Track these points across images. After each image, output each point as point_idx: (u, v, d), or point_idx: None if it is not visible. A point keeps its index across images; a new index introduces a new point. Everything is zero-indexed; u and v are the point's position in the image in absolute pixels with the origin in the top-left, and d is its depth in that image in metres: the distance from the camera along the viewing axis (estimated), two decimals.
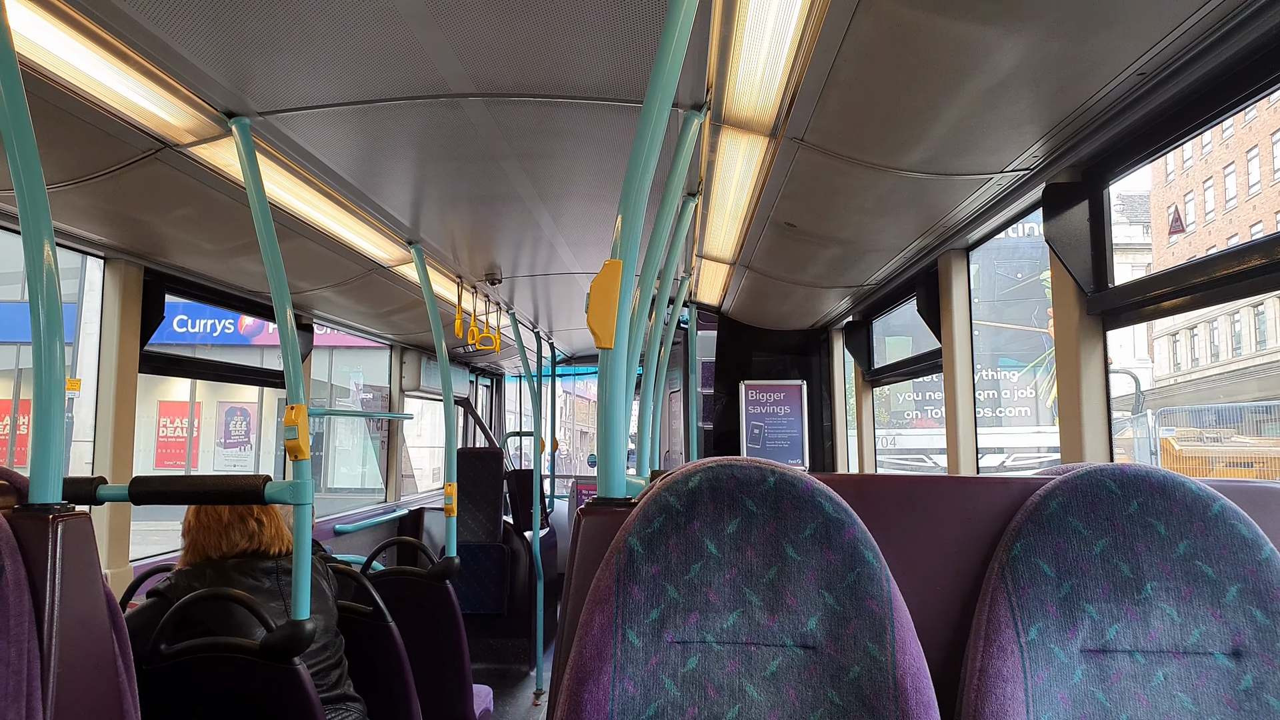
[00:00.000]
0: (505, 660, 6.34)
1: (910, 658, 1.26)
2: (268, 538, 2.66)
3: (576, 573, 1.42)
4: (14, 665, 1.44)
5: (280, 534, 2.72)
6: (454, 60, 2.08)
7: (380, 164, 2.80)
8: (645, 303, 2.19)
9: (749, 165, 2.85)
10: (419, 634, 3.35)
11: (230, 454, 17.43)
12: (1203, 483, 1.38)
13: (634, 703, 1.25)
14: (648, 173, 1.55)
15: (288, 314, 2.41)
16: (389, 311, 5.11)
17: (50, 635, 1.50)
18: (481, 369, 8.68)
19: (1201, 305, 2.08)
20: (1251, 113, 27.16)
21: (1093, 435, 2.42)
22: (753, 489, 1.32)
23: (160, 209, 2.85)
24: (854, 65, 1.93)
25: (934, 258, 3.43)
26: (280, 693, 2.24)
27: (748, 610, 1.29)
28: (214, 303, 3.98)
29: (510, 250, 4.12)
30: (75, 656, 1.54)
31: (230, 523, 2.62)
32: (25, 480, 1.65)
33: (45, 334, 1.63)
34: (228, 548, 2.60)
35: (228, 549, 2.60)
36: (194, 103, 2.21)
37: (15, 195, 1.61)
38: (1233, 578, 1.32)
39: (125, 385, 3.32)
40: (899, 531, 1.47)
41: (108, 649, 1.65)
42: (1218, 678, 1.31)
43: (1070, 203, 2.43)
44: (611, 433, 1.54)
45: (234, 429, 17.71)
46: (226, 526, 2.61)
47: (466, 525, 6.22)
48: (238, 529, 2.62)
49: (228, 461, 17.28)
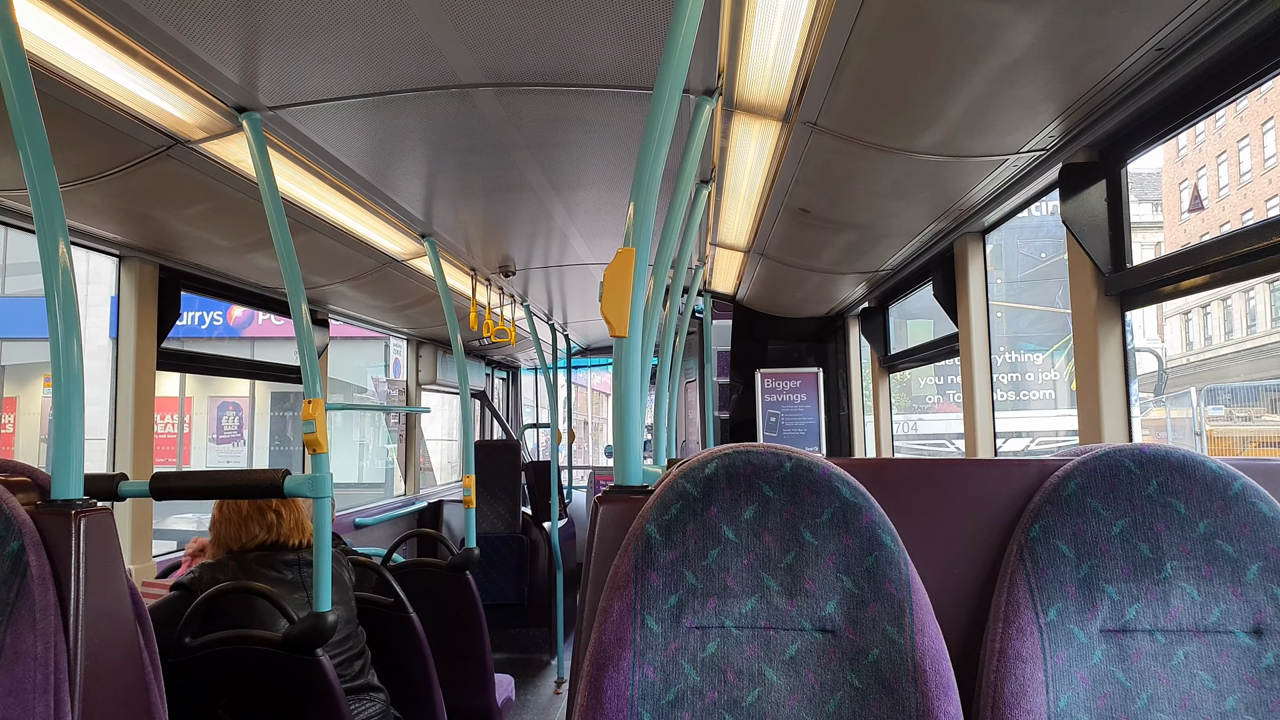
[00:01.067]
0: (526, 650, 6.37)
1: (929, 640, 1.26)
2: (287, 529, 2.68)
3: (595, 560, 1.42)
4: (41, 659, 1.45)
5: (301, 525, 2.74)
6: (464, 50, 2.08)
7: (392, 157, 2.80)
8: (659, 292, 2.18)
9: (762, 151, 2.84)
10: (440, 625, 3.36)
11: (223, 450, 17.33)
12: (1223, 461, 1.36)
13: (654, 687, 1.25)
14: (659, 160, 1.55)
15: (303, 309, 2.42)
16: (404, 305, 5.13)
17: (76, 628, 1.51)
18: (497, 362, 8.70)
19: (1220, 284, 2.06)
20: (1268, 85, 26.84)
21: (1111, 416, 2.40)
22: (770, 474, 1.32)
23: (173, 206, 2.86)
24: (867, 47, 1.92)
25: (950, 241, 3.40)
26: (304, 684, 2.26)
27: (766, 595, 1.29)
28: (229, 299, 4.00)
29: (524, 242, 4.12)
30: (101, 649, 1.55)
31: (249, 515, 2.65)
32: (47, 477, 1.66)
33: (63, 332, 1.64)
34: (247, 539, 2.63)
35: (247, 540, 2.63)
36: (205, 98, 2.21)
37: (29, 194, 1.62)
38: (1254, 556, 1.31)
39: (143, 383, 3.35)
40: (917, 515, 1.47)
41: (133, 642, 1.67)
42: (1239, 656, 1.30)
43: (1087, 183, 2.40)
44: (628, 421, 1.54)
45: (226, 424, 17.60)
46: (245, 519, 2.65)
47: (485, 517, 6.25)
48: (256, 521, 2.65)
49: (220, 458, 17.18)
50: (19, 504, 1.56)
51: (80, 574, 1.54)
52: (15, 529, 1.52)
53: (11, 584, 1.50)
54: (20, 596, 1.49)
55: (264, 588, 2.39)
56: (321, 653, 2.27)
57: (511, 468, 6.36)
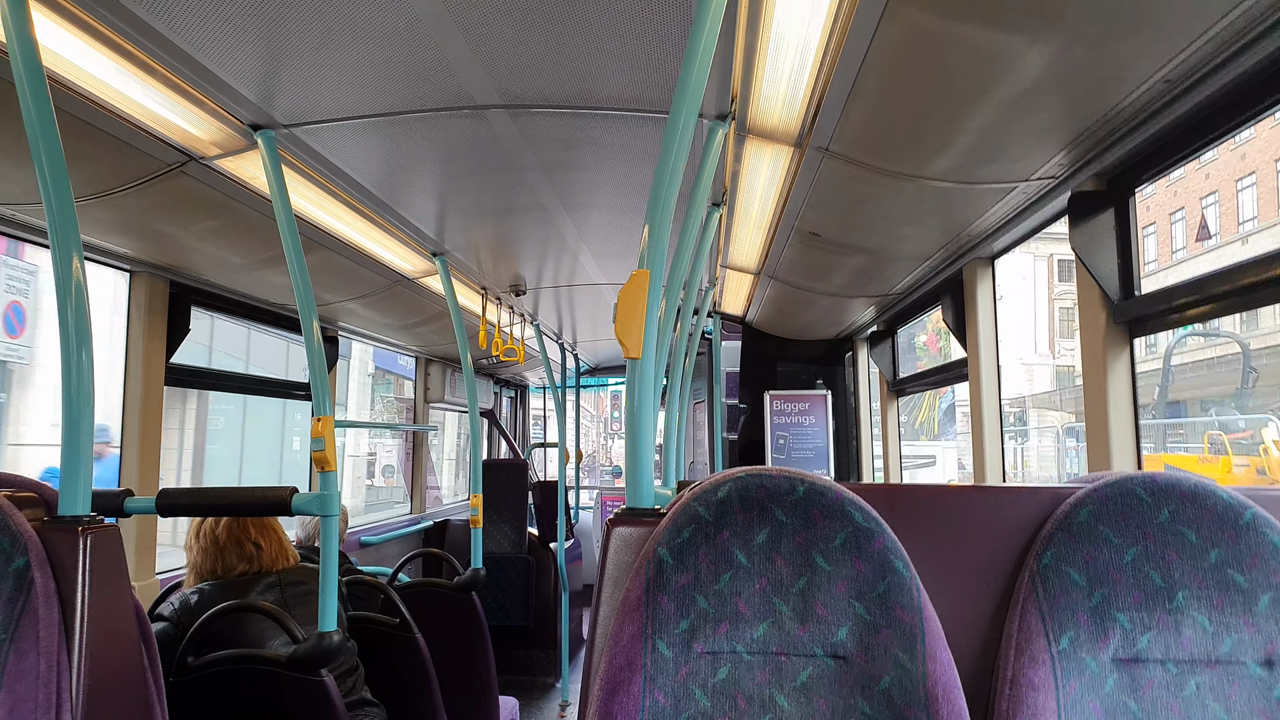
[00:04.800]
0: (531, 672, 6.34)
1: (941, 667, 1.26)
2: (267, 560, 2.63)
3: (606, 583, 1.42)
4: (44, 677, 1.45)
5: (284, 552, 2.70)
6: (479, 71, 2.09)
7: (405, 176, 2.82)
8: (671, 314, 2.19)
9: (773, 175, 2.85)
10: (445, 645, 3.35)
11: None
12: (1234, 490, 1.36)
13: (664, 713, 1.25)
14: (675, 183, 1.55)
15: (314, 326, 2.43)
16: (414, 323, 5.14)
17: (79, 647, 1.51)
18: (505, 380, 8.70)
19: (1228, 313, 2.07)
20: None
21: (1120, 444, 2.39)
22: (782, 498, 1.32)
23: (186, 222, 2.87)
24: (879, 74, 1.93)
25: (959, 266, 3.41)
26: (306, 704, 2.25)
27: (778, 620, 1.29)
28: (239, 315, 4.01)
29: (534, 261, 4.13)
30: (104, 668, 1.55)
31: (226, 545, 2.60)
32: (54, 492, 1.66)
33: (75, 347, 1.64)
34: (224, 571, 2.58)
35: (224, 573, 2.58)
36: (220, 115, 2.23)
37: (44, 209, 1.63)
38: (1265, 586, 1.30)
39: (151, 399, 3.35)
40: (929, 541, 1.47)
41: (136, 661, 1.66)
42: (1250, 687, 1.29)
43: (1096, 211, 2.41)
44: (639, 443, 1.54)
45: None
46: (222, 549, 2.59)
47: (491, 536, 6.24)
48: (234, 552, 2.60)
49: None
50: (25, 520, 1.56)
51: (85, 592, 1.54)
52: (21, 545, 1.52)
53: (16, 601, 1.49)
54: (24, 613, 1.48)
55: (269, 606, 2.38)
56: (325, 673, 2.26)
57: (518, 487, 6.35)
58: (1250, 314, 24.18)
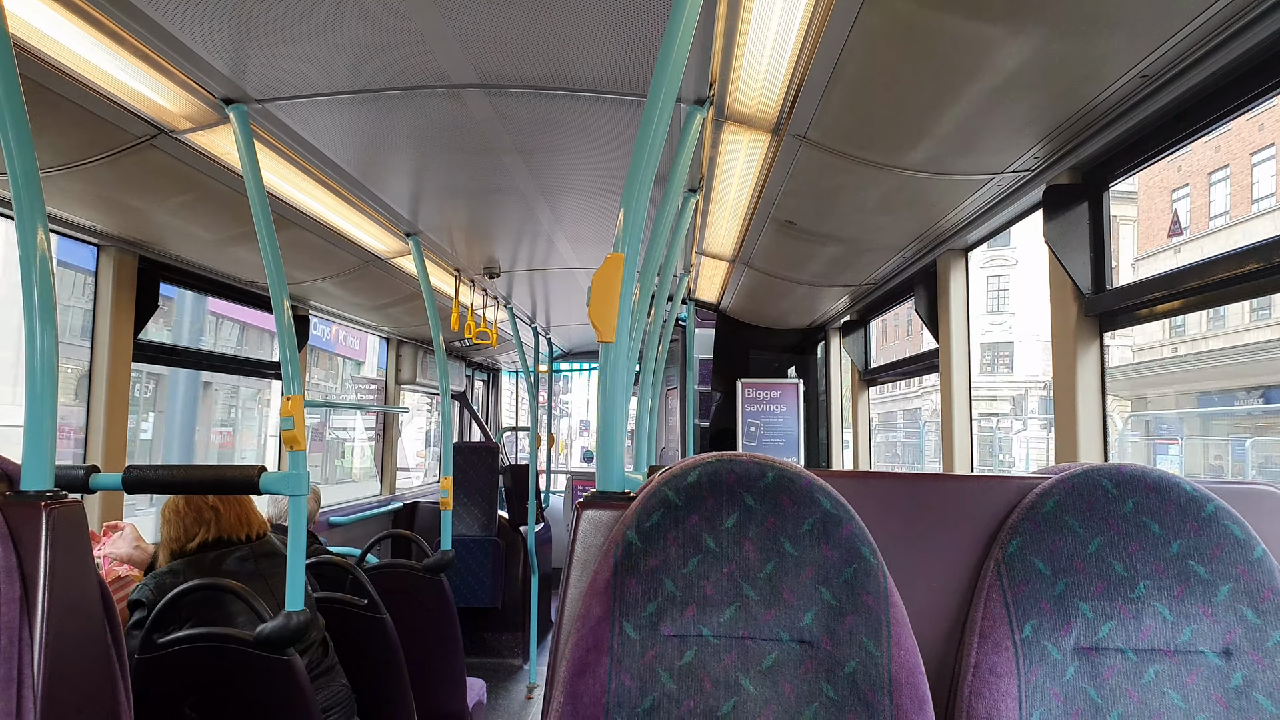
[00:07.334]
0: (499, 654, 6.35)
1: (905, 653, 1.26)
2: (228, 525, 2.62)
3: (575, 566, 1.41)
4: (3, 652, 1.43)
5: (247, 518, 2.68)
6: (456, 49, 2.07)
7: (379, 154, 2.79)
8: (645, 299, 2.18)
9: (750, 162, 2.85)
10: (413, 627, 3.34)
11: None
12: (1197, 483, 1.38)
13: (630, 695, 1.25)
14: (651, 167, 1.55)
15: (285, 304, 2.40)
16: (386, 304, 5.10)
17: (41, 623, 1.49)
18: (478, 364, 8.67)
19: (1199, 308, 2.09)
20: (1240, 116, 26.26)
21: (1088, 435, 2.42)
22: (752, 484, 1.32)
23: (156, 196, 2.83)
24: (859, 62, 1.93)
25: (933, 257, 3.42)
26: (273, 683, 2.24)
27: (745, 604, 1.29)
28: (210, 292, 3.97)
29: (509, 244, 4.11)
30: (66, 644, 1.53)
31: (184, 513, 2.59)
32: (16, 467, 1.63)
33: (40, 322, 1.62)
34: (187, 539, 2.58)
35: (188, 542, 2.57)
36: (191, 89, 2.20)
37: (9, 180, 1.60)
38: (1224, 577, 1.32)
39: (118, 375, 3.31)
40: (896, 528, 1.47)
41: (100, 637, 1.64)
42: (1208, 676, 1.31)
43: (1070, 204, 2.42)
44: (611, 426, 1.54)
45: None
46: (183, 517, 2.59)
47: (461, 519, 6.22)
48: (191, 517, 2.59)
49: None
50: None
51: (46, 567, 1.51)
52: None
53: None
54: None
55: (235, 584, 2.36)
56: (292, 652, 2.25)
57: (489, 470, 6.33)
58: None
